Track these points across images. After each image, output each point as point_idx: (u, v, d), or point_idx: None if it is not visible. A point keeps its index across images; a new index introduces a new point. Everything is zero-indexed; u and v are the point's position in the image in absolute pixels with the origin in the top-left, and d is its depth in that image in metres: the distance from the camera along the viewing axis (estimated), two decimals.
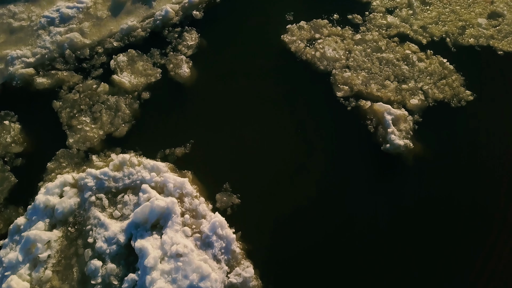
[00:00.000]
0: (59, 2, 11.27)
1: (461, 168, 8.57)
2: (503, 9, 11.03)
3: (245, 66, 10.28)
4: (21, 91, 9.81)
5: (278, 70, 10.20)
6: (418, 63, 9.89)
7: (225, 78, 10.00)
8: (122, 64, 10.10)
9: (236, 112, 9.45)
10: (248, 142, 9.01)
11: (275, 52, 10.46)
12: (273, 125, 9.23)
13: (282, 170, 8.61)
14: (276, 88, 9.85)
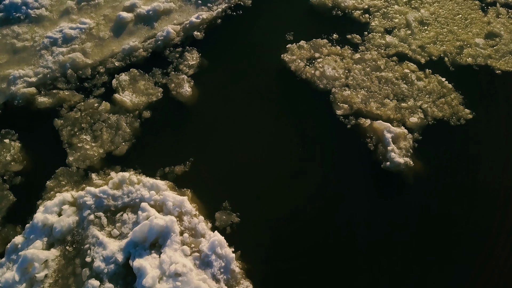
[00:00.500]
0: (62, 23, 11.56)
1: (461, 186, 8.64)
2: (500, 29, 11.32)
3: (246, 84, 10.48)
4: (22, 110, 9.98)
5: (278, 88, 10.39)
6: (417, 82, 10.08)
7: (226, 97, 10.19)
8: (124, 83, 10.32)
9: (236, 130, 9.59)
10: (247, 160, 9.09)
11: (276, 71, 10.67)
12: (273, 144, 9.34)
13: (281, 188, 8.67)
14: (276, 107, 10.01)
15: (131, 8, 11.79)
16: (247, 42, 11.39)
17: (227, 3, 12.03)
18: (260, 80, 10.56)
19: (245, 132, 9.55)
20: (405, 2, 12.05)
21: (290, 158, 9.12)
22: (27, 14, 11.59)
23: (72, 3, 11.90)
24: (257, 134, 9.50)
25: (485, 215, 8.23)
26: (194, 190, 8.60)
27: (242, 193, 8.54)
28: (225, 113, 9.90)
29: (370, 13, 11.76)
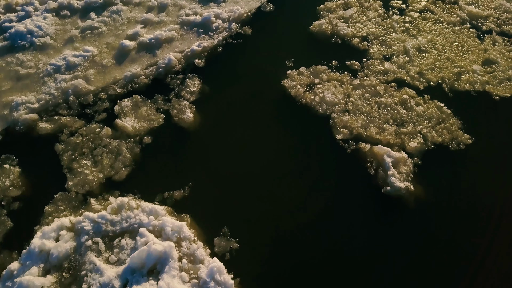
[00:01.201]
0: (66, 51, 11.94)
1: (462, 211, 8.68)
2: (497, 56, 11.68)
3: (246, 109, 10.72)
4: (23, 136, 10.15)
5: (279, 113, 10.63)
6: (416, 107, 10.32)
7: (227, 122, 10.39)
8: (126, 109, 10.57)
9: (236, 155, 9.72)
10: (247, 185, 9.17)
11: (276, 96, 10.95)
12: (273, 168, 9.44)
13: (282, 214, 8.69)
14: (276, 131, 10.20)
15: (134, 37, 12.22)
16: (247, 69, 11.75)
17: (228, 32, 12.50)
18: (260, 105, 10.81)
19: (245, 157, 9.68)
20: (402, 30, 12.52)
21: (290, 183, 9.19)
22: (31, 42, 11.99)
23: (76, 32, 12.36)
24: (257, 159, 9.63)
25: (486, 241, 8.20)
26: (193, 215, 8.61)
27: (241, 219, 8.56)
28: (226, 138, 10.08)
29: (368, 41, 12.18)
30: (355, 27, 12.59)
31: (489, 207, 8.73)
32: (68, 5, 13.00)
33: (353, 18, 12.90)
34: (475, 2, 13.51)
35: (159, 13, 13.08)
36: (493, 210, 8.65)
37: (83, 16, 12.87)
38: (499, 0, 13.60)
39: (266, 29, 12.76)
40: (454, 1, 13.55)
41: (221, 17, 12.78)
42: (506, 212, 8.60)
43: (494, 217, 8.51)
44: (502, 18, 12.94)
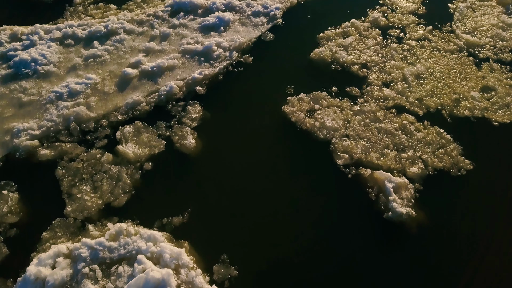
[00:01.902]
0: (69, 78, 12.25)
1: (465, 237, 8.69)
2: (495, 83, 11.98)
3: (247, 135, 10.92)
4: (23, 162, 10.26)
5: (279, 139, 10.82)
6: (416, 133, 10.49)
7: (228, 148, 10.55)
8: (127, 135, 10.75)
9: (237, 181, 9.81)
10: (247, 211, 9.21)
11: (276, 122, 11.17)
12: (274, 194, 9.51)
13: (282, 241, 8.69)
14: (277, 157, 10.34)
15: (136, 65, 12.57)
16: (248, 95, 12.03)
17: (229, 60, 12.87)
18: (261, 130, 11.02)
19: (245, 183, 9.77)
20: (401, 58, 12.89)
21: (291, 209, 9.24)
22: (35, 70, 12.32)
23: (79, 60, 12.74)
24: (258, 185, 9.71)
25: (489, 267, 8.18)
26: (192, 241, 8.60)
27: (241, 246, 8.55)
28: (227, 164, 10.19)
29: (367, 68, 12.53)
30: (354, 55, 12.97)
31: (491, 233, 8.72)
32: (73, 35, 13.45)
33: (352, 46, 13.32)
34: (471, 31, 13.98)
35: (161, 42, 13.51)
36: (495, 236, 8.64)
37: (86, 45, 13.28)
38: (495, 29, 14.08)
39: (267, 57, 13.15)
40: (451, 30, 14.02)
41: (222, 46, 13.17)
42: (507, 238, 8.59)
43: (495, 243, 8.49)
44: (498, 47, 13.36)
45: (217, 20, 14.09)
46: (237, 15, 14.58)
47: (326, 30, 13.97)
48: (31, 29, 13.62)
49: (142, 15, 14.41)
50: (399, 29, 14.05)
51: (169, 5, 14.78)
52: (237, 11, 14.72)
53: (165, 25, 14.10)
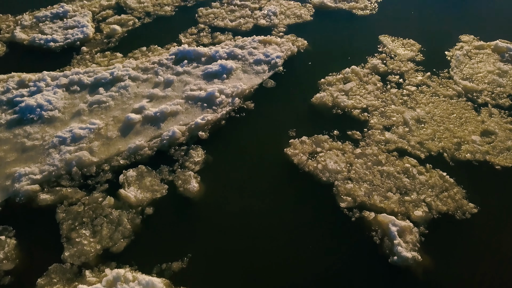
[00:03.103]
0: (72, 123, 12.69)
1: (472, 282, 8.66)
2: (494, 127, 12.39)
3: (250, 178, 11.16)
4: (23, 207, 10.41)
5: (282, 182, 11.05)
6: (419, 176, 10.74)
7: (230, 192, 10.73)
8: (130, 179, 10.99)
9: (238, 225, 9.90)
10: (249, 257, 9.23)
11: (279, 164, 11.46)
12: (277, 240, 9.57)
13: (285, 286, 8.66)
14: (280, 200, 10.51)
15: (140, 110, 13.08)
16: (250, 139, 12.42)
17: (231, 106, 13.39)
18: (264, 173, 11.27)
19: (248, 228, 9.86)
20: (401, 103, 13.42)
21: (294, 254, 9.25)
22: (40, 115, 12.81)
23: (84, 106, 13.28)
24: (260, 230, 9.79)
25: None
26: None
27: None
28: (229, 208, 10.33)
29: (368, 112, 13.03)
30: (355, 99, 13.54)
31: (498, 278, 8.69)
32: (79, 81, 14.12)
33: (353, 91, 13.92)
34: (469, 77, 14.65)
35: (165, 89, 14.13)
36: (502, 280, 8.62)
37: (92, 91, 13.90)
38: (492, 76, 14.75)
39: (268, 103, 13.70)
40: (448, 76, 14.69)
41: (224, 93, 13.75)
42: None
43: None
44: (496, 92, 13.94)
45: (220, 67, 14.82)
46: (239, 63, 15.35)
47: (327, 76, 14.66)
48: (38, 76, 14.33)
49: (147, 63, 15.19)
50: (398, 75, 14.74)
51: (173, 53, 15.61)
52: (239, 59, 15.51)
53: (169, 72, 14.82)
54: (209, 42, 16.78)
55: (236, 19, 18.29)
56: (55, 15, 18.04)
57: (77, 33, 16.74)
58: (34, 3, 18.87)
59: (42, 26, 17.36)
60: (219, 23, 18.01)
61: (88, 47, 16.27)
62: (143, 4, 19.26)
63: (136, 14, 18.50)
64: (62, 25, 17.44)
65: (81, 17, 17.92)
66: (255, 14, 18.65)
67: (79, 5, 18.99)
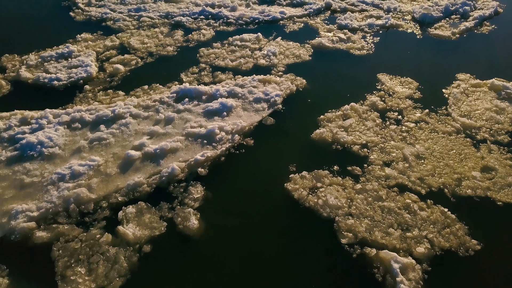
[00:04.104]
0: (72, 160, 12.87)
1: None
2: (494, 164, 12.54)
3: (250, 214, 11.16)
4: (18, 245, 10.32)
5: (282, 217, 11.07)
6: (420, 212, 10.77)
7: (230, 228, 10.70)
8: (130, 215, 11.00)
9: (238, 263, 9.80)
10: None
11: (279, 199, 11.52)
12: (277, 276, 9.46)
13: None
14: (280, 236, 10.48)
15: (140, 147, 13.29)
16: (250, 174, 12.54)
17: (231, 143, 13.62)
18: (264, 209, 11.30)
19: (247, 264, 9.76)
20: (400, 139, 13.66)
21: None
22: (40, 152, 13.01)
23: (85, 143, 13.53)
24: (260, 267, 9.69)
25: None
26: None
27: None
28: (228, 246, 10.26)
29: (368, 148, 13.25)
30: (354, 135, 13.80)
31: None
32: (80, 119, 14.46)
33: (352, 127, 14.22)
34: (467, 114, 15.00)
35: (165, 126, 14.43)
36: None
37: (93, 128, 14.20)
38: (490, 113, 15.12)
39: (268, 139, 13.94)
40: (447, 113, 15.06)
41: (224, 130, 14.04)
42: None
43: None
44: (494, 129, 14.23)
45: (220, 105, 15.22)
46: (239, 101, 15.78)
47: (326, 113, 15.01)
48: (40, 114, 14.69)
49: (148, 101, 15.62)
50: (397, 112, 15.12)
51: (174, 91, 16.08)
52: (239, 97, 15.96)
53: (170, 110, 15.21)
54: (210, 81, 17.33)
55: (237, 59, 18.97)
56: (60, 55, 18.75)
57: (81, 72, 17.33)
58: (41, 44, 19.67)
59: (47, 66, 18.00)
60: (220, 63, 18.66)
61: (91, 85, 16.79)
62: (146, 45, 20.06)
63: (139, 54, 19.22)
64: (66, 65, 18.09)
65: (85, 56, 18.62)
66: (255, 54, 19.36)
67: (84, 46, 19.76)
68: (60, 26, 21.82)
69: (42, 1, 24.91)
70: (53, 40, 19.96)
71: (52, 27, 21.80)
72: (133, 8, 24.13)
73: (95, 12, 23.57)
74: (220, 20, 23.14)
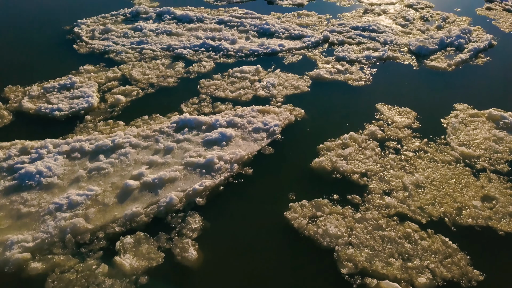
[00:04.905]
0: (70, 190, 12.84)
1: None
2: (495, 193, 12.52)
3: (249, 244, 11.04)
4: (12, 276, 10.16)
5: (282, 247, 10.93)
6: (421, 242, 10.65)
7: (229, 260, 10.56)
8: (127, 245, 10.87)
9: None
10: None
11: (279, 228, 11.42)
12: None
13: None
14: (280, 266, 10.33)
15: (139, 177, 13.30)
16: (249, 203, 12.48)
17: (230, 172, 13.64)
18: (264, 238, 11.19)
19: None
20: (399, 168, 13.69)
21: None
22: (39, 181, 13.00)
23: (83, 172, 13.55)
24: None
25: None
26: None
27: None
28: (227, 276, 10.11)
29: (367, 177, 13.25)
30: (354, 164, 13.83)
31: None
32: (80, 148, 14.54)
33: (352, 156, 14.27)
34: (465, 144, 15.09)
35: (164, 155, 14.50)
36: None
37: (92, 158, 14.25)
38: (488, 142, 15.21)
39: (267, 168, 13.95)
40: (445, 143, 15.15)
41: (223, 159, 14.08)
42: None
43: None
44: (494, 158, 14.28)
45: (220, 135, 15.34)
46: (239, 131, 15.93)
47: (325, 142, 15.10)
48: (41, 143, 14.79)
49: (148, 131, 15.76)
50: (396, 141, 15.22)
51: (174, 121, 16.24)
52: (238, 127, 16.12)
53: (170, 139, 15.32)
54: (210, 111, 17.54)
55: (237, 90, 19.28)
56: (63, 86, 19.06)
57: (82, 103, 17.57)
58: (44, 75, 20.04)
59: (49, 96, 18.26)
60: (220, 94, 18.95)
61: (92, 115, 16.99)
62: (147, 76, 20.43)
63: (140, 85, 19.54)
64: (68, 95, 18.36)
65: (87, 87, 18.93)
66: (254, 86, 19.68)
67: (86, 77, 20.13)
68: (63, 58, 22.31)
69: (47, 34, 25.58)
70: (57, 71, 20.35)
71: (56, 59, 22.30)
72: (136, 41, 24.71)
73: (98, 44, 24.15)
74: (221, 52, 23.65)
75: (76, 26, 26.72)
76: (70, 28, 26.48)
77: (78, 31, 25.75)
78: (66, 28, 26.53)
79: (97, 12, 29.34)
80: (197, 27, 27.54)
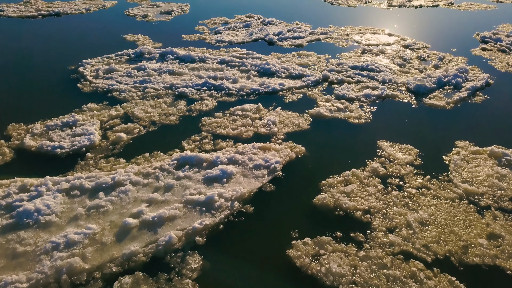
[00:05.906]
0: (68, 228, 12.63)
1: None
2: (500, 230, 12.27)
3: (251, 283, 10.75)
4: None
5: (285, 286, 10.61)
6: (427, 281, 10.31)
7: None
8: (125, 286, 10.56)
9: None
10: None
11: (281, 267, 11.13)
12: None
13: None
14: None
15: (138, 215, 13.11)
16: (250, 242, 12.22)
17: (230, 210, 13.48)
18: (265, 277, 10.87)
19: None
20: (403, 205, 13.51)
21: None
22: (37, 220, 12.82)
23: (82, 210, 13.39)
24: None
25: None
26: None
27: None
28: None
29: (371, 214, 13.05)
30: (356, 201, 13.66)
31: None
32: (80, 186, 14.45)
33: (354, 193, 14.12)
34: (468, 181, 14.98)
35: (164, 193, 14.38)
36: None
37: (91, 196, 14.14)
38: (491, 179, 15.10)
39: (268, 206, 13.78)
40: (448, 180, 15.04)
41: (224, 196, 13.96)
42: None
43: None
44: (497, 195, 14.12)
45: (220, 172, 15.29)
46: (240, 168, 15.88)
47: (327, 178, 15.00)
48: (40, 181, 14.73)
49: (148, 168, 15.72)
50: (398, 178, 15.11)
51: (175, 159, 16.24)
52: (239, 164, 16.09)
53: (170, 177, 15.25)
54: (211, 149, 17.58)
55: (238, 128, 19.41)
56: (65, 124, 19.24)
57: (84, 140, 17.65)
58: (47, 113, 20.30)
59: (51, 134, 18.39)
60: (221, 131, 19.08)
61: (93, 153, 17.02)
62: (149, 114, 20.65)
63: (142, 123, 19.72)
64: (70, 133, 18.48)
65: (89, 125, 19.10)
66: (255, 123, 19.84)
67: (89, 115, 20.35)
68: (67, 97, 22.67)
69: (52, 73, 26.17)
70: (60, 109, 20.63)
71: (59, 98, 22.67)
72: (139, 80, 25.18)
73: (102, 83, 24.59)
74: (222, 91, 24.02)
75: (81, 65, 27.36)
76: (75, 68, 27.11)
77: (83, 71, 26.34)
78: (71, 68, 27.15)
79: (102, 52, 30.12)
80: (199, 66, 28.16)
